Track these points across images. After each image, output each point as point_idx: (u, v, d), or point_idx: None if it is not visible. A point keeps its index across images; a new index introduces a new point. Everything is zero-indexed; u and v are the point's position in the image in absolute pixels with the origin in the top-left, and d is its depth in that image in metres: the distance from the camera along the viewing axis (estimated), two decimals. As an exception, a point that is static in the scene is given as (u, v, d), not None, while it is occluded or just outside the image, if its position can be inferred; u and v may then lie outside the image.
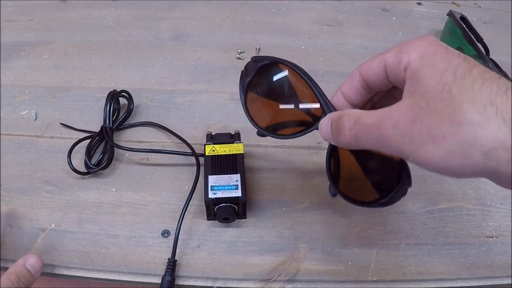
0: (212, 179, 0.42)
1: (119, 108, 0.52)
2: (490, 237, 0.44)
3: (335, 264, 0.42)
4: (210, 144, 0.46)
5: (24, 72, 0.58)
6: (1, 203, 0.45)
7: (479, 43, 0.57)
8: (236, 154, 0.44)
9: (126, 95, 0.53)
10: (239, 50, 0.62)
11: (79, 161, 0.47)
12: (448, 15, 0.62)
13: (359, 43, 0.64)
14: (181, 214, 0.41)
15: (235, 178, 0.42)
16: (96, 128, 0.50)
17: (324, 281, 0.41)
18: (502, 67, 0.54)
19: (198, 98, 0.56)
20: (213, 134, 0.48)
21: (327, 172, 0.35)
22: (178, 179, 0.47)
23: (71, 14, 0.67)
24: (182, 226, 0.41)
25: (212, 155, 0.44)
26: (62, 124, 0.52)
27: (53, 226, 0.43)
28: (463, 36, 0.58)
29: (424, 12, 0.71)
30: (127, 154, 0.49)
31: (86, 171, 0.46)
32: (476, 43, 0.56)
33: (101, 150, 0.48)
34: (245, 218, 0.44)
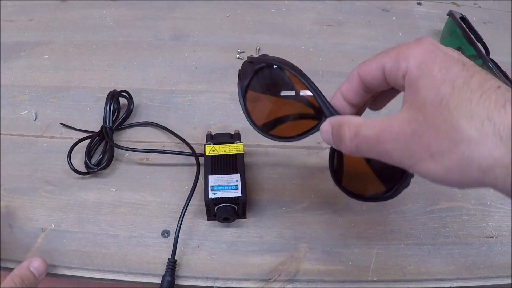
0: (212, 179, 0.42)
1: (119, 108, 0.52)
2: (490, 237, 0.44)
3: (335, 264, 0.42)
4: (210, 144, 0.46)
5: (24, 72, 0.58)
6: (1, 203, 0.45)
7: (479, 43, 0.57)
8: (236, 154, 0.44)
9: (126, 95, 0.53)
10: (239, 50, 0.62)
11: (79, 161, 0.47)
12: (448, 15, 0.62)
13: (359, 43, 0.64)
14: (181, 214, 0.41)
15: (235, 178, 0.42)
16: (96, 128, 0.50)
17: (324, 281, 0.41)
18: (502, 67, 0.54)
19: (198, 98, 0.56)
20: (213, 134, 0.48)
21: (330, 169, 0.35)
22: (178, 179, 0.47)
23: (71, 14, 0.67)
24: (182, 226, 0.41)
25: (212, 155, 0.44)
26: (62, 124, 0.52)
27: (53, 226, 0.43)
28: (463, 36, 0.57)
29: (424, 12, 0.71)
30: (127, 154, 0.49)
31: (86, 171, 0.46)
32: (476, 43, 0.56)
33: (101, 150, 0.48)
34: (245, 218, 0.44)
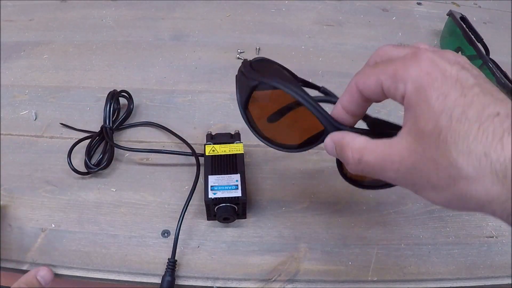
0: (212, 179, 0.42)
1: (119, 108, 0.52)
2: (490, 237, 0.44)
3: (335, 264, 0.42)
4: (210, 144, 0.46)
5: (24, 72, 0.58)
6: (1, 203, 0.45)
7: (479, 43, 0.57)
8: (236, 154, 0.44)
9: (126, 95, 0.53)
10: (239, 50, 0.62)
11: (79, 161, 0.47)
12: (448, 15, 0.62)
13: (359, 43, 0.64)
14: (181, 214, 0.41)
15: (235, 178, 0.42)
16: (96, 128, 0.50)
17: (324, 281, 0.41)
18: (502, 67, 0.54)
19: (198, 98, 0.56)
20: (213, 134, 0.48)
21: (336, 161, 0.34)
22: (178, 179, 0.47)
23: (71, 14, 0.67)
24: (182, 226, 0.41)
25: (212, 155, 0.44)
26: (62, 124, 0.52)
27: (53, 226, 0.43)
28: (463, 36, 0.57)
29: (424, 12, 0.71)
30: (127, 154, 0.49)
31: (86, 171, 0.46)
32: (476, 43, 0.56)
33: (101, 150, 0.48)
34: (245, 218, 0.44)
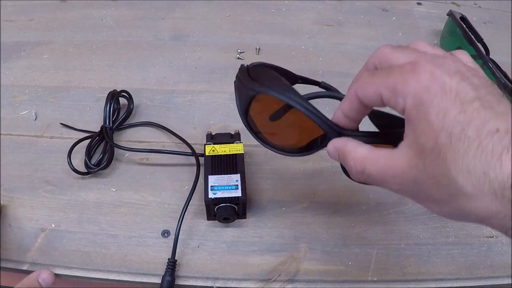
0: (212, 179, 0.42)
1: (119, 108, 0.52)
2: (490, 237, 0.44)
3: (335, 264, 0.42)
4: (210, 144, 0.46)
5: (24, 72, 0.58)
6: (1, 203, 0.45)
7: (479, 43, 0.57)
8: (236, 154, 0.44)
9: (126, 95, 0.53)
10: (239, 50, 0.62)
11: (79, 161, 0.47)
12: (448, 15, 0.62)
13: (359, 43, 0.64)
14: (181, 214, 0.41)
15: (235, 178, 0.42)
16: (96, 128, 0.50)
17: (324, 281, 0.41)
18: (502, 67, 0.54)
19: (198, 98, 0.56)
20: (213, 134, 0.48)
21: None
22: (178, 179, 0.47)
23: (71, 14, 0.67)
24: (182, 226, 0.41)
25: (212, 155, 0.44)
26: (62, 124, 0.52)
27: (53, 226, 0.43)
28: (463, 36, 0.57)
29: (424, 12, 0.71)
30: (127, 154, 0.49)
31: (86, 171, 0.46)
32: (476, 43, 0.56)
33: (101, 150, 0.48)
34: (245, 218, 0.44)
